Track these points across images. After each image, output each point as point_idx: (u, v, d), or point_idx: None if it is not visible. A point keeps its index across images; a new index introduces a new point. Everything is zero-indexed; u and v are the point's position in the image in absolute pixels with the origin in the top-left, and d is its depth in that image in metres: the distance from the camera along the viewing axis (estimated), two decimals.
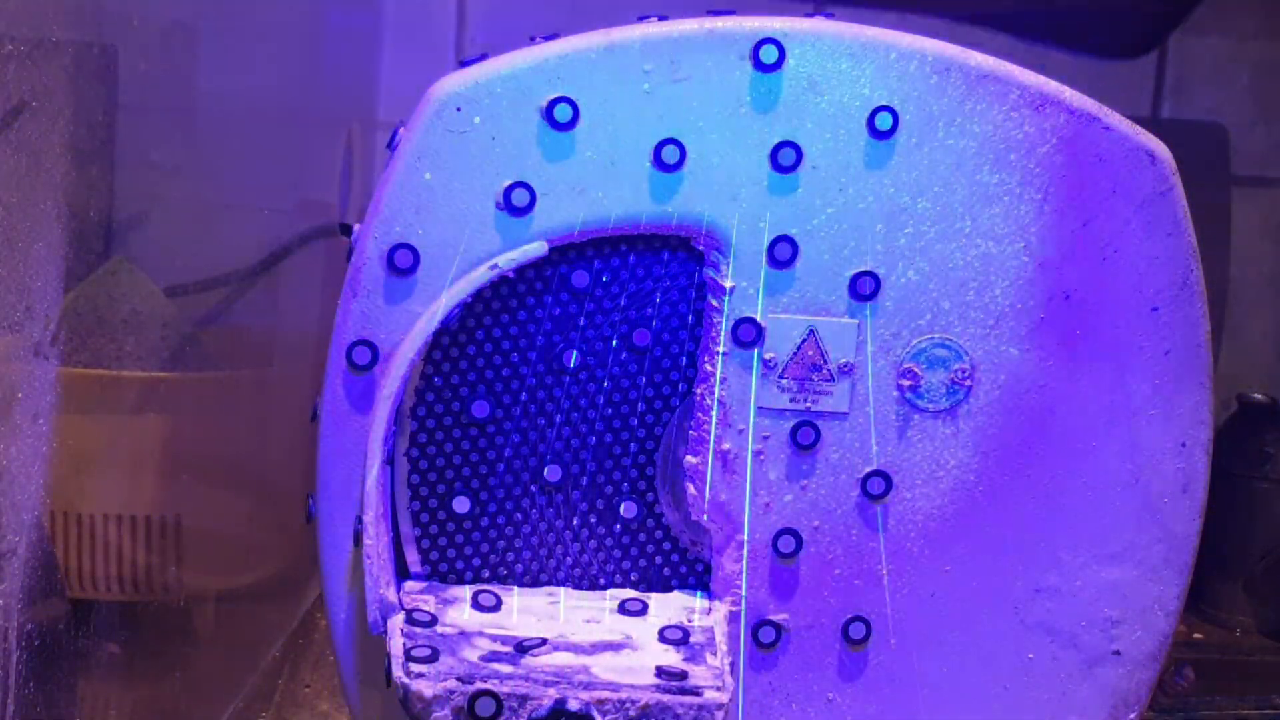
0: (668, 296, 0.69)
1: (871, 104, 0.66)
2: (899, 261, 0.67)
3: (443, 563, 0.70)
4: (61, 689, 0.65)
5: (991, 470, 0.69)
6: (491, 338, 0.68)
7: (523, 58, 0.65)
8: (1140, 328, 0.69)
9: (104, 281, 0.76)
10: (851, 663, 0.70)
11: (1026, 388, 0.69)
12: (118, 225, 0.76)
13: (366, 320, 0.65)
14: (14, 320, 0.57)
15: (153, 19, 0.75)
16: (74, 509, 0.76)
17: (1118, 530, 0.70)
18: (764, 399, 0.68)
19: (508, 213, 0.65)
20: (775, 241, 0.66)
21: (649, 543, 0.71)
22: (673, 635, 0.66)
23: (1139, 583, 0.71)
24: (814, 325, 0.67)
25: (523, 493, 0.69)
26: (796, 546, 0.69)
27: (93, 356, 0.75)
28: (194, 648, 0.87)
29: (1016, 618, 0.70)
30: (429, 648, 0.63)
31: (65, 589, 0.71)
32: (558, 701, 0.60)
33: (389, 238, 0.65)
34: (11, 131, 0.55)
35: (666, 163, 0.65)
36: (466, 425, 0.68)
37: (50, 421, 0.61)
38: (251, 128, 0.92)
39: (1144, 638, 0.71)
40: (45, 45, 0.58)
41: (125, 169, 0.71)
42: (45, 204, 0.59)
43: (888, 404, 0.68)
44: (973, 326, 0.68)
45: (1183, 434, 0.70)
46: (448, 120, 0.65)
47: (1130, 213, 0.68)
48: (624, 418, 0.69)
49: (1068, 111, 0.67)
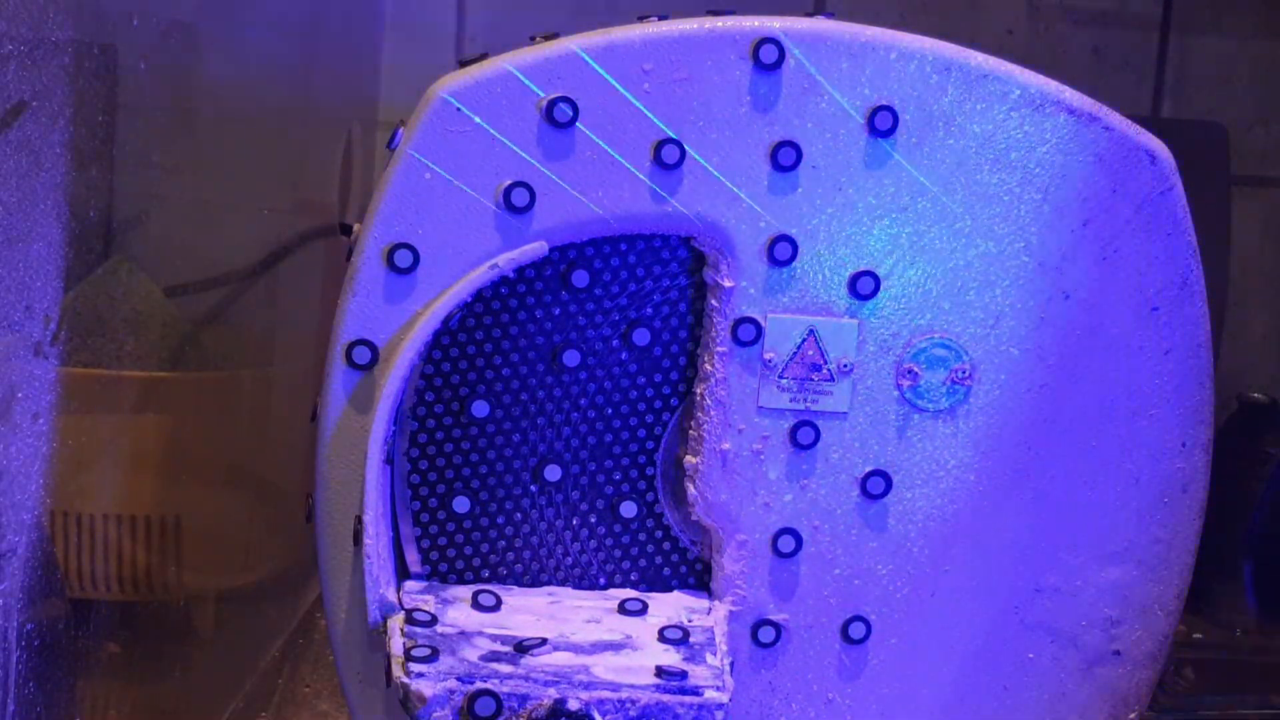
0: (668, 296, 0.69)
1: (871, 104, 0.66)
2: (899, 261, 0.67)
3: (443, 563, 0.70)
4: (61, 689, 0.65)
5: (991, 470, 0.69)
6: (491, 338, 0.68)
7: (523, 58, 0.65)
8: (1140, 328, 0.69)
9: (104, 281, 0.76)
10: (851, 663, 0.70)
11: (1026, 388, 0.69)
12: (118, 225, 0.76)
13: (366, 320, 0.65)
14: (14, 320, 0.57)
15: (153, 19, 0.75)
16: (74, 509, 0.76)
17: (1118, 530, 0.70)
18: (764, 399, 0.68)
19: (508, 212, 0.65)
20: (775, 241, 0.66)
21: (649, 543, 0.71)
22: (673, 635, 0.66)
23: (1139, 583, 0.71)
24: (814, 325, 0.67)
25: (523, 493, 0.69)
26: (796, 546, 0.69)
27: (93, 356, 0.75)
28: (194, 648, 0.87)
29: (1016, 618, 0.70)
30: (429, 648, 0.63)
31: (65, 589, 0.71)
32: (558, 701, 0.60)
33: (389, 237, 0.65)
34: (11, 131, 0.55)
35: (666, 162, 0.65)
36: (466, 425, 0.68)
37: (50, 421, 0.61)
38: (251, 128, 0.92)
39: (1144, 638, 0.71)
40: (45, 45, 0.58)
41: (125, 169, 0.71)
42: (45, 204, 0.59)
43: (888, 404, 0.68)
44: (973, 326, 0.68)
45: (1183, 434, 0.70)
46: (448, 120, 0.65)
47: (1130, 213, 0.68)
48: (624, 418, 0.69)
49: (1068, 111, 0.67)
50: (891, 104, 0.66)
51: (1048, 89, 0.67)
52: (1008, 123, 0.67)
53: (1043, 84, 0.67)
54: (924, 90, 0.66)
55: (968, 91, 0.66)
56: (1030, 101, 0.67)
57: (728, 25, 0.65)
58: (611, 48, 0.65)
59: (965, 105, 0.66)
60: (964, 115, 0.67)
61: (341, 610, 0.67)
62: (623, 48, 0.65)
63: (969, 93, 0.66)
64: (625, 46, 0.65)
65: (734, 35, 0.65)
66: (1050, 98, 0.67)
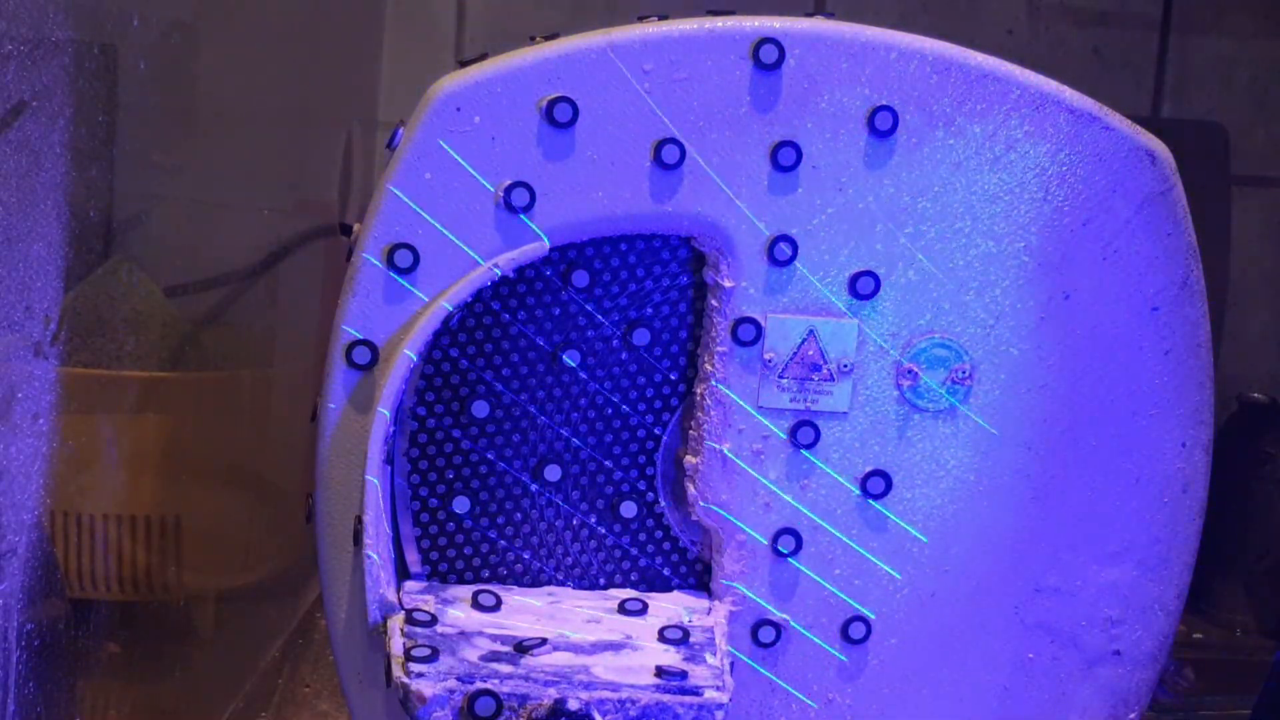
0: (668, 296, 0.69)
1: (871, 104, 0.66)
2: (899, 261, 0.67)
3: (443, 563, 0.70)
4: (61, 689, 0.65)
5: (991, 470, 0.69)
6: (491, 338, 0.68)
7: (523, 58, 0.65)
8: (1140, 328, 0.69)
9: (104, 281, 0.76)
10: (851, 663, 0.70)
11: (1026, 388, 0.69)
12: (118, 225, 0.76)
13: (366, 320, 0.65)
14: (14, 320, 0.57)
15: (153, 19, 0.75)
16: (74, 509, 0.76)
17: (1118, 530, 0.70)
18: (764, 399, 0.68)
19: (508, 212, 0.65)
20: (775, 241, 0.66)
21: (649, 543, 0.71)
22: (673, 635, 0.66)
23: (1139, 583, 0.71)
24: (814, 325, 0.67)
25: (523, 493, 0.69)
26: (796, 546, 0.69)
27: (93, 356, 0.75)
28: (194, 648, 0.87)
29: (1016, 617, 0.70)
30: (429, 648, 0.63)
31: (65, 589, 0.71)
32: (558, 701, 0.60)
33: (389, 237, 0.65)
34: (11, 131, 0.55)
35: (666, 162, 0.65)
36: (466, 425, 0.68)
37: (50, 421, 0.61)
38: (251, 127, 0.92)
39: (1144, 638, 0.71)
40: (45, 45, 0.58)
41: (125, 169, 0.71)
42: (45, 204, 0.59)
43: (888, 404, 0.68)
44: (973, 326, 0.68)
45: (1183, 434, 0.70)
46: (448, 120, 0.65)
47: (1130, 213, 0.68)
48: (624, 418, 0.69)
49: (1068, 111, 0.67)
50: (891, 104, 0.66)
51: (1048, 89, 0.67)
52: (1008, 123, 0.67)
53: (1043, 84, 0.67)
54: (924, 90, 0.66)
55: (968, 91, 0.66)
56: (1030, 101, 0.67)
57: (728, 25, 0.65)
58: (611, 48, 0.65)
59: (965, 105, 0.66)
60: (964, 115, 0.67)
61: (341, 610, 0.67)
62: (623, 48, 0.65)
63: (969, 93, 0.66)
64: (625, 47, 0.65)
65: (734, 35, 0.65)
66: (1050, 98, 0.67)
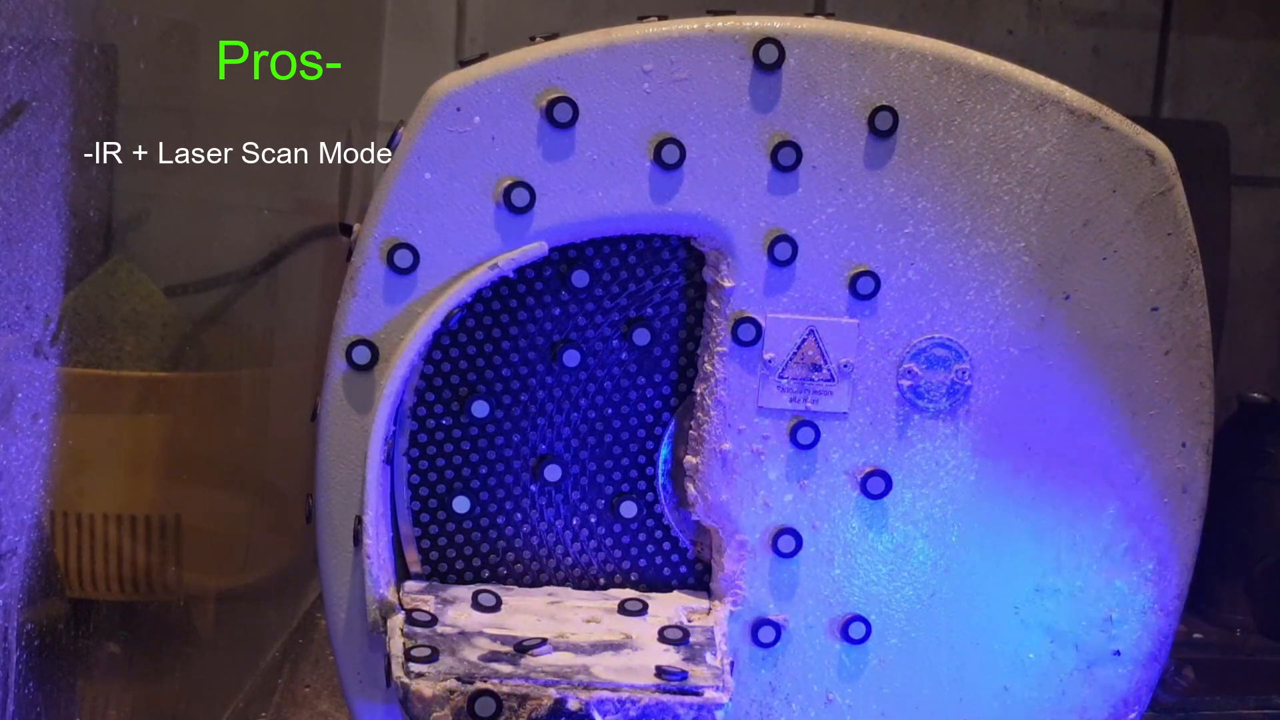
0: (668, 296, 0.69)
1: (871, 104, 0.66)
2: (899, 261, 0.67)
3: (443, 563, 0.70)
4: (61, 689, 0.65)
5: (991, 470, 0.69)
6: (491, 338, 0.68)
7: (523, 58, 0.65)
8: (1140, 328, 0.69)
9: (104, 281, 0.76)
10: (851, 663, 0.70)
11: (1026, 388, 0.69)
12: (118, 225, 0.76)
13: (366, 320, 0.65)
14: (14, 320, 0.57)
15: (153, 19, 0.75)
16: (74, 509, 0.76)
17: (1118, 530, 0.70)
18: (764, 399, 0.68)
19: (508, 212, 0.65)
20: (775, 241, 0.66)
21: (649, 543, 0.71)
22: (673, 635, 0.66)
23: (1139, 583, 0.71)
24: (814, 325, 0.67)
25: (523, 493, 0.69)
26: (796, 546, 0.69)
27: (93, 356, 0.75)
28: (194, 648, 0.87)
29: (1016, 617, 0.70)
30: (429, 648, 0.63)
31: (65, 589, 0.71)
32: (558, 701, 0.60)
33: (389, 237, 0.65)
34: (11, 131, 0.55)
35: (666, 162, 0.65)
36: (466, 425, 0.68)
37: (50, 421, 0.61)
38: (251, 127, 0.92)
39: (1144, 638, 0.71)
40: (45, 45, 0.58)
41: (125, 169, 0.71)
42: (45, 204, 0.59)
43: (888, 404, 0.68)
44: (973, 326, 0.68)
45: (1183, 434, 0.70)
46: (447, 120, 0.65)
47: (1130, 213, 0.68)
48: (624, 418, 0.69)
49: (1068, 111, 0.67)
50: (892, 104, 0.66)
51: (1048, 89, 0.67)
52: (1008, 123, 0.67)
53: (1043, 84, 0.67)
54: (924, 90, 0.66)
55: (968, 91, 0.66)
56: (1030, 101, 0.67)
57: (728, 25, 0.65)
58: (611, 48, 0.65)
59: (965, 105, 0.66)
60: (964, 115, 0.67)
61: (341, 610, 0.67)
62: (623, 48, 0.65)
63: (969, 93, 0.66)
64: (625, 46, 0.65)
65: (734, 35, 0.65)
66: (1050, 98, 0.67)
